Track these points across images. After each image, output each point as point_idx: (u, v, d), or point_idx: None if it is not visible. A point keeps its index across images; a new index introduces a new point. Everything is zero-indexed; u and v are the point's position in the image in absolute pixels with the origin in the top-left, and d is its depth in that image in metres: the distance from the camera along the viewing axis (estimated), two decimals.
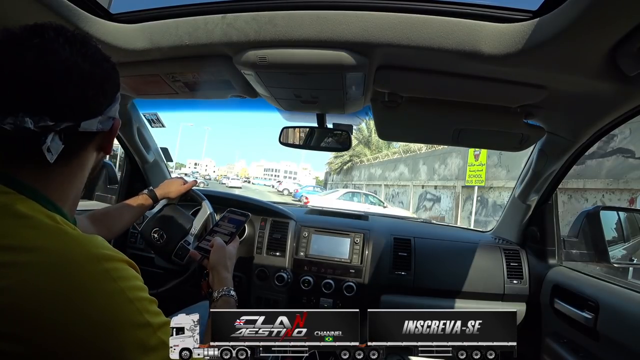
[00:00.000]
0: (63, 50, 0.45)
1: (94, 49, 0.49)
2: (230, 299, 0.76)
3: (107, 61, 0.52)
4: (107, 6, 0.84)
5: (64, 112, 0.45)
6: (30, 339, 0.37)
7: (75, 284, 0.39)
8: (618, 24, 0.59)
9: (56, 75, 0.44)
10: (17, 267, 0.39)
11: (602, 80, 0.74)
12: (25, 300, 0.38)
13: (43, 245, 0.40)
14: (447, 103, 0.98)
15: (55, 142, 0.44)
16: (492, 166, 9.27)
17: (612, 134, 5.99)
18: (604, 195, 6.26)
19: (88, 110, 0.48)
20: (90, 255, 0.42)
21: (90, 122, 0.48)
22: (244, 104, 1.23)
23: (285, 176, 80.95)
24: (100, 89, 0.49)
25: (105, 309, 0.40)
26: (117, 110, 0.54)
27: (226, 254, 0.86)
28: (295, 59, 0.80)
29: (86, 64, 0.47)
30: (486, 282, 1.39)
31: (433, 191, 12.57)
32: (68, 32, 0.47)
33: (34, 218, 0.43)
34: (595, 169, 6.38)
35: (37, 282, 0.38)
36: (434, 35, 0.72)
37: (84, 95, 0.47)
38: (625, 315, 0.94)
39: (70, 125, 0.45)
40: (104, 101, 0.50)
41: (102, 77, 0.49)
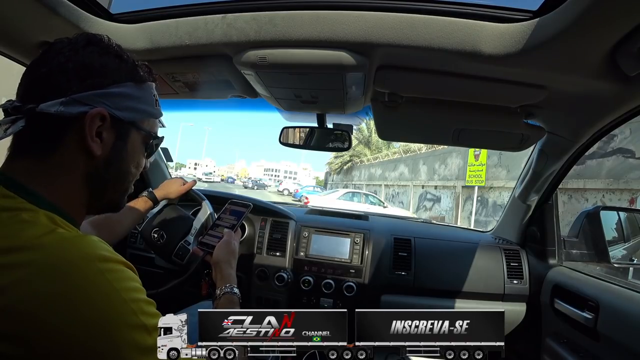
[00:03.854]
0: (60, 43, 0.47)
1: (88, 39, 0.49)
2: (234, 297, 0.73)
3: (101, 47, 0.49)
4: (107, 6, 0.84)
5: (29, 93, 0.45)
6: (28, 340, 0.37)
7: (69, 285, 0.39)
8: (618, 24, 0.59)
9: (38, 59, 0.47)
10: (12, 268, 0.38)
11: (602, 80, 0.74)
12: (21, 300, 0.37)
13: (38, 245, 0.40)
14: (447, 103, 0.98)
15: (17, 124, 0.43)
16: (492, 166, 9.27)
17: (612, 134, 5.98)
18: (604, 195, 6.24)
19: (51, 91, 0.45)
20: (85, 255, 0.41)
21: (49, 103, 0.44)
22: (244, 104, 1.23)
23: (286, 176, 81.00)
24: (71, 70, 0.46)
25: (100, 310, 0.39)
26: (109, 98, 0.48)
27: (230, 250, 0.85)
28: (296, 59, 0.80)
29: (67, 50, 0.47)
30: (486, 282, 1.39)
31: (433, 191, 12.57)
32: (92, 36, 0.49)
33: (32, 220, 0.42)
34: (595, 169, 6.37)
35: (32, 283, 0.38)
36: (434, 35, 0.72)
37: (50, 75, 0.45)
38: (626, 316, 0.94)
39: (32, 106, 0.44)
40: (73, 84, 0.46)
41: (79, 60, 0.47)
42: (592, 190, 6.42)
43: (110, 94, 0.48)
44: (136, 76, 0.52)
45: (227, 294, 0.73)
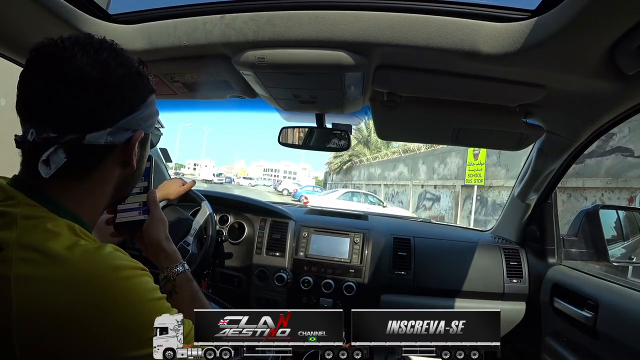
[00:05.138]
0: (73, 59, 0.44)
1: (108, 54, 0.46)
2: (188, 273, 0.66)
3: (126, 66, 0.48)
4: (106, 7, 0.84)
5: (67, 124, 0.44)
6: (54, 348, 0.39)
7: (98, 296, 0.41)
8: (616, 23, 0.59)
9: (58, 84, 0.43)
10: (39, 279, 0.40)
11: (600, 79, 0.74)
12: (53, 310, 0.39)
13: (64, 258, 0.41)
14: (446, 102, 0.98)
15: (57, 155, 0.43)
16: (492, 165, 9.26)
17: (611, 133, 5.91)
18: (603, 194, 6.25)
19: (94, 121, 0.45)
20: (108, 267, 0.43)
21: (96, 134, 0.45)
22: (243, 104, 1.23)
23: (285, 176, 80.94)
24: (110, 98, 0.46)
25: (128, 314, 0.43)
26: (147, 119, 0.52)
27: (163, 220, 0.71)
28: (294, 59, 0.80)
29: (95, 71, 0.44)
30: (486, 282, 1.39)
31: (433, 191, 12.57)
32: (86, 39, 0.46)
33: (56, 231, 0.43)
34: (594, 168, 6.37)
35: (60, 295, 0.40)
36: (433, 34, 0.72)
37: (88, 105, 0.44)
38: (625, 314, 0.94)
39: (73, 137, 0.44)
40: (114, 111, 0.47)
41: (114, 84, 0.46)
42: (591, 189, 6.42)
43: (144, 117, 0.51)
44: (152, 88, 0.54)
45: (181, 273, 0.65)
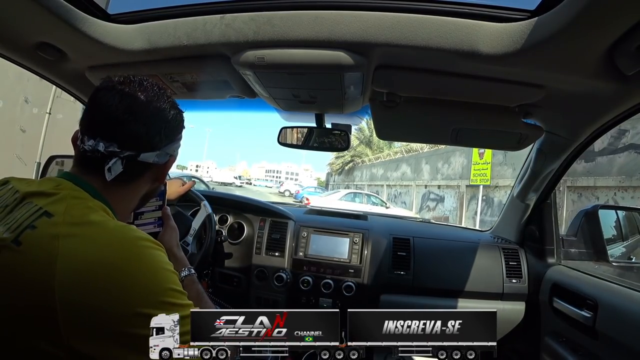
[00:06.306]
0: (140, 96, 0.58)
1: (165, 99, 0.62)
2: (194, 277, 0.81)
3: (175, 108, 0.64)
4: (105, 7, 0.84)
5: (128, 143, 0.57)
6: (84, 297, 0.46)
7: (124, 257, 0.49)
8: (616, 23, 0.59)
9: (128, 114, 0.57)
10: (81, 238, 0.49)
11: (600, 80, 0.74)
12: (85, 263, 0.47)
13: (101, 223, 0.52)
14: (446, 103, 0.98)
15: (117, 165, 0.56)
16: (498, 164, 9.09)
17: (623, 129, 5.66)
18: (616, 193, 5.91)
19: (149, 144, 0.59)
20: (135, 237, 0.52)
21: (148, 154, 0.59)
22: (243, 104, 1.23)
23: (287, 177, 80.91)
24: (162, 129, 0.61)
25: (148, 275, 0.50)
26: (177, 148, 0.66)
27: (175, 230, 0.89)
28: (294, 59, 0.80)
29: (154, 108, 0.60)
30: (485, 282, 1.39)
31: (436, 191, 12.50)
32: (149, 82, 0.61)
33: (95, 208, 0.54)
34: (606, 166, 6.03)
35: (95, 251, 0.48)
36: (432, 35, 0.72)
37: (147, 132, 0.59)
38: (624, 314, 0.94)
39: (131, 154, 0.57)
40: (164, 139, 0.61)
41: (166, 120, 0.61)
42: (603, 188, 6.08)
43: (178, 145, 0.67)
44: (184, 124, 0.67)
45: (188, 276, 0.80)
